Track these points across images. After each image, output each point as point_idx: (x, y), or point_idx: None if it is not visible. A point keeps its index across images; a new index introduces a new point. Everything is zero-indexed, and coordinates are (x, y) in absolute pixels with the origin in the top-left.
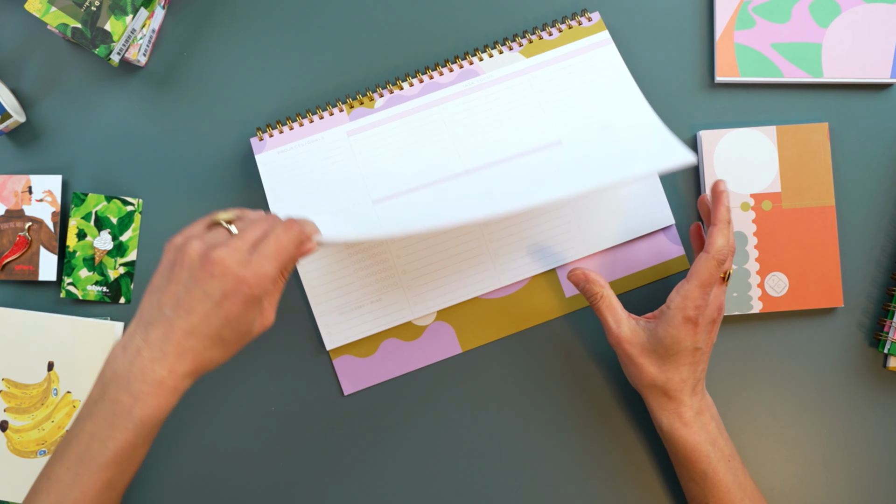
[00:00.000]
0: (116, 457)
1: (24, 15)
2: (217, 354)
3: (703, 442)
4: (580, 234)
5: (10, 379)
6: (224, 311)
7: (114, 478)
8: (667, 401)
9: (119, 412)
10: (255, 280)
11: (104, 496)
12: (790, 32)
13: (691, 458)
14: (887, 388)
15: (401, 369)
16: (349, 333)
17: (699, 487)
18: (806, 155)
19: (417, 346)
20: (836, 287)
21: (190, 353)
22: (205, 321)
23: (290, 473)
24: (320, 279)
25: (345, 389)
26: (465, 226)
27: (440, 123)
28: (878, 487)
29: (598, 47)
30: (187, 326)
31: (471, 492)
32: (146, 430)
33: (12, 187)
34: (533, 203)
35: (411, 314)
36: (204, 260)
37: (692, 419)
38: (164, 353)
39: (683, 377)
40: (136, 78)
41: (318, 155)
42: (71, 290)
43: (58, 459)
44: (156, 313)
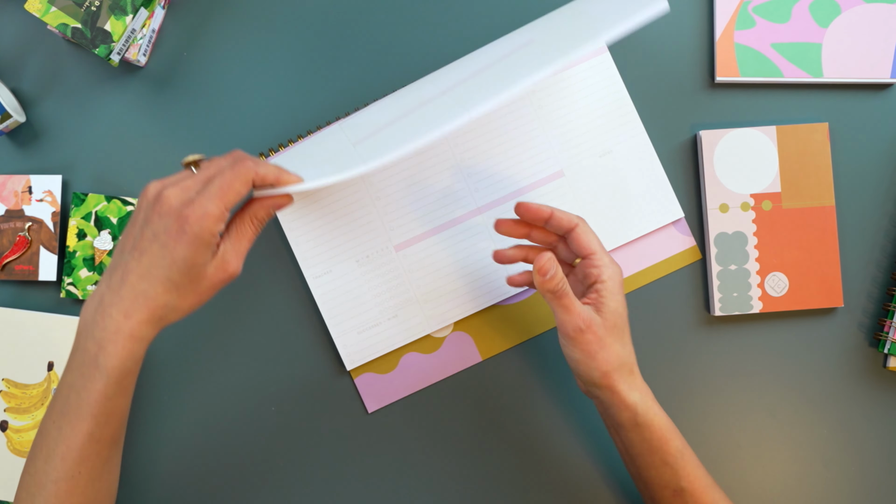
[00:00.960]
0: (91, 409)
1: (24, 15)
2: (172, 300)
3: (668, 418)
4: None
5: (10, 379)
6: (169, 252)
7: (94, 430)
8: (633, 378)
9: (87, 361)
10: (195, 218)
11: (89, 449)
12: (790, 32)
13: (667, 437)
14: (887, 388)
15: (423, 382)
16: (368, 352)
17: (672, 470)
18: (806, 155)
19: (437, 358)
20: (836, 287)
21: (142, 297)
22: (155, 263)
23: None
24: (335, 300)
25: (368, 407)
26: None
27: (446, 150)
28: (878, 487)
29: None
30: (140, 269)
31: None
32: (114, 380)
33: (12, 187)
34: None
35: (429, 327)
36: (155, 199)
37: (653, 399)
38: (121, 297)
39: (632, 347)
40: (136, 78)
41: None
42: (71, 290)
43: (47, 414)
44: (117, 257)
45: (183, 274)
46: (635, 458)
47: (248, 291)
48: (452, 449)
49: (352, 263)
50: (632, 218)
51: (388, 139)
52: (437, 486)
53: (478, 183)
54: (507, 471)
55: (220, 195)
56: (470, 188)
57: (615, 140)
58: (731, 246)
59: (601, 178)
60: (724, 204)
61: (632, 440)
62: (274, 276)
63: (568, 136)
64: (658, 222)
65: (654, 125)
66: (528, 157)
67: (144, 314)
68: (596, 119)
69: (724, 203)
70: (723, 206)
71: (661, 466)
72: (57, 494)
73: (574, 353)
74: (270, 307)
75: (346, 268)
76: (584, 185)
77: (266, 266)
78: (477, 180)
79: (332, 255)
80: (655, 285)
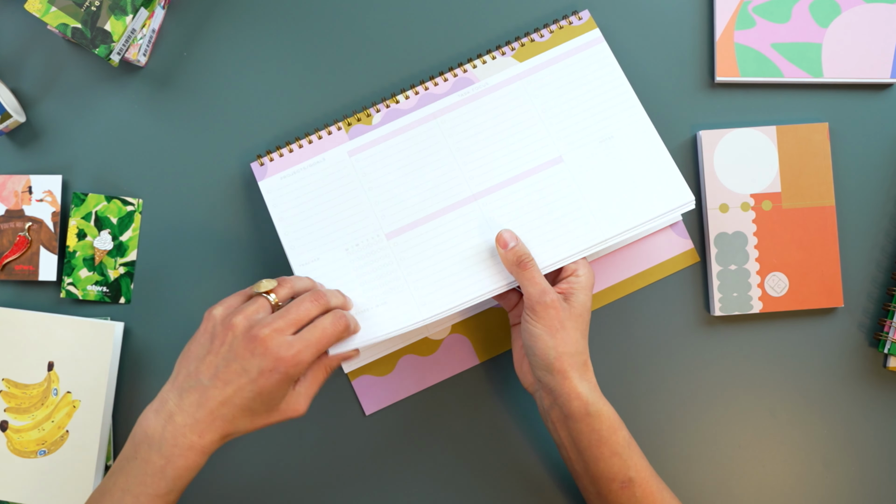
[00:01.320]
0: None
1: (24, 15)
2: (245, 423)
3: (615, 410)
4: (594, 221)
5: (10, 379)
6: (258, 386)
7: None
8: (586, 370)
9: (151, 472)
10: (293, 363)
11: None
12: (790, 32)
13: (616, 427)
14: (887, 388)
15: (420, 385)
16: (366, 354)
17: (622, 460)
18: (806, 155)
19: (435, 361)
20: (836, 287)
21: (220, 420)
22: (238, 393)
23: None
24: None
25: (366, 409)
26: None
27: (440, 139)
28: (878, 487)
29: (590, 47)
30: (221, 396)
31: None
32: (177, 487)
33: (12, 187)
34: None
35: (427, 330)
36: (246, 337)
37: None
38: (196, 419)
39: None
40: (136, 78)
41: (322, 179)
42: (71, 290)
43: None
44: (192, 381)
45: (262, 403)
46: (583, 451)
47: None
48: (450, 451)
49: (340, 251)
50: (637, 204)
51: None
52: (434, 489)
53: (472, 171)
54: (505, 473)
55: (317, 347)
56: (464, 175)
57: (616, 126)
58: (731, 246)
59: (603, 165)
60: (724, 204)
61: (580, 431)
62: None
63: (565, 123)
64: (665, 206)
65: (654, 125)
66: (525, 145)
67: (218, 434)
68: (594, 106)
69: (724, 203)
70: (723, 206)
71: (610, 458)
72: None
73: (535, 329)
74: None
75: (335, 255)
76: (585, 172)
77: (261, 261)
78: (471, 168)
79: (321, 243)
80: (655, 286)
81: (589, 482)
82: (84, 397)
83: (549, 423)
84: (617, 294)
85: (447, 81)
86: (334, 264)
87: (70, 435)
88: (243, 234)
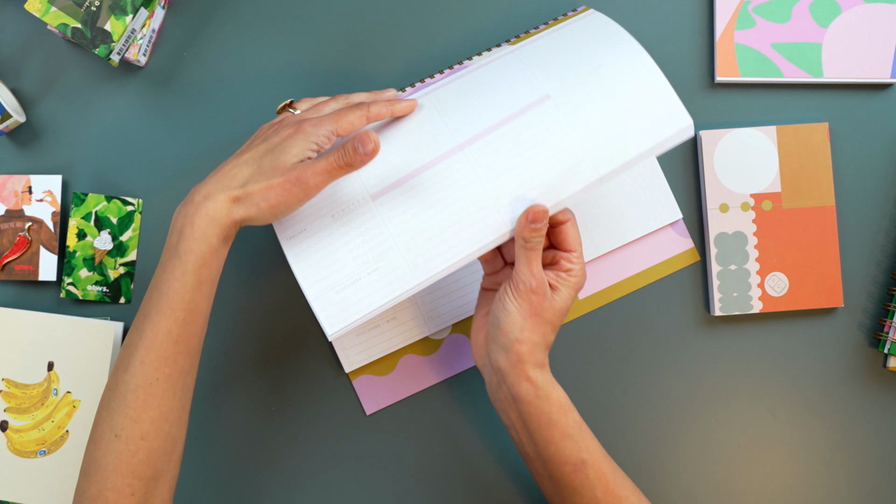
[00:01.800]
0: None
1: (24, 15)
2: (250, 180)
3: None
4: (589, 236)
5: (10, 379)
6: (271, 143)
7: (172, 328)
8: (543, 360)
9: (169, 253)
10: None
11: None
12: (790, 32)
13: (566, 409)
14: (887, 388)
15: (421, 384)
16: (367, 354)
17: (573, 441)
18: (806, 155)
19: (436, 360)
20: (836, 287)
21: (226, 178)
22: (253, 154)
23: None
24: (309, 258)
25: (367, 409)
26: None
27: (421, 94)
28: (878, 487)
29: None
30: (235, 160)
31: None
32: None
33: (12, 187)
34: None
35: (427, 329)
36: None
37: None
38: (206, 183)
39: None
40: (136, 78)
41: None
42: (71, 290)
43: (132, 325)
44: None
45: (272, 158)
46: (534, 434)
47: (243, 294)
48: (452, 451)
49: (327, 219)
50: (629, 221)
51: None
52: (435, 488)
53: (456, 120)
54: (507, 472)
55: (334, 119)
56: (448, 126)
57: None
58: (731, 246)
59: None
60: (724, 204)
61: (530, 414)
62: (270, 279)
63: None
64: (655, 224)
65: None
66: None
67: (222, 193)
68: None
69: (724, 203)
70: (723, 206)
71: (561, 440)
72: (135, 405)
73: (510, 304)
74: (267, 311)
75: (321, 224)
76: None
77: (263, 271)
78: (455, 117)
79: (306, 214)
80: (655, 286)
81: (541, 466)
82: (84, 397)
83: (496, 404)
84: (617, 293)
85: (442, 73)
86: (321, 233)
87: (70, 435)
88: (243, 233)
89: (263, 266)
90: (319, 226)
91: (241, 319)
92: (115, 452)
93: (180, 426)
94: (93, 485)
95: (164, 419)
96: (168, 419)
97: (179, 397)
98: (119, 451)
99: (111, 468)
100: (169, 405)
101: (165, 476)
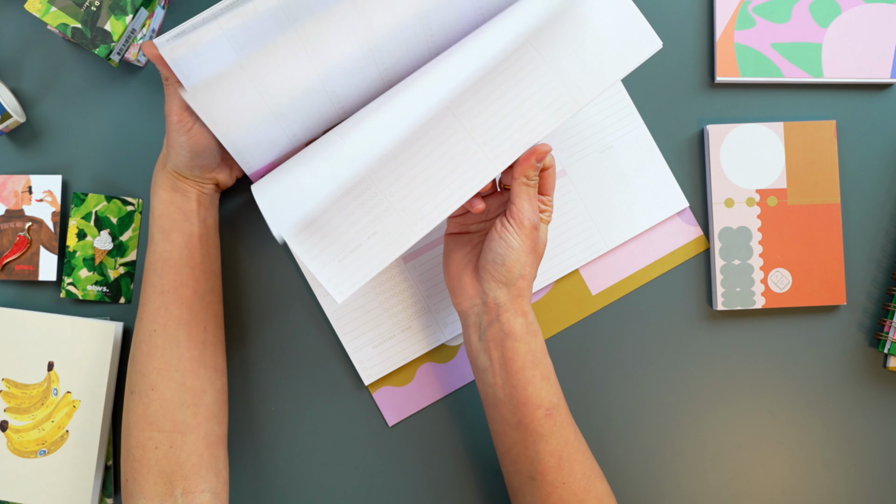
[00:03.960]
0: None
1: (24, 15)
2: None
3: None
4: (598, 232)
5: (10, 379)
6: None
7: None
8: (529, 293)
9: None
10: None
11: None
12: (790, 32)
13: (545, 351)
14: (887, 388)
15: (441, 392)
16: (385, 365)
17: (550, 384)
18: (812, 152)
19: (454, 367)
20: (839, 285)
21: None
22: None
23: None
24: (348, 316)
25: (388, 420)
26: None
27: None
28: (878, 487)
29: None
30: None
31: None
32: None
33: (12, 187)
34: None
35: (443, 336)
36: None
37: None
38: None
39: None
40: (136, 78)
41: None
42: (71, 290)
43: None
44: None
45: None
46: (514, 374)
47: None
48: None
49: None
50: (637, 212)
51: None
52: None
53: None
54: None
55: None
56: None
57: (615, 135)
58: (735, 241)
59: (603, 175)
60: (729, 199)
61: (517, 351)
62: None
63: (567, 135)
64: (663, 214)
65: (654, 125)
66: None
67: (159, 158)
68: (594, 115)
69: (730, 198)
70: (728, 200)
71: (541, 381)
72: (140, 359)
73: (514, 241)
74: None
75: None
76: (587, 182)
77: (278, 288)
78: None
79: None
80: (658, 280)
81: (510, 411)
82: (84, 397)
83: (478, 345)
84: (631, 286)
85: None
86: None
87: (70, 435)
88: (242, 232)
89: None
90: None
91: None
92: (133, 409)
93: (199, 378)
94: (124, 447)
95: (173, 368)
96: (177, 368)
97: (186, 347)
98: (135, 407)
99: (132, 424)
100: (173, 354)
101: (193, 430)
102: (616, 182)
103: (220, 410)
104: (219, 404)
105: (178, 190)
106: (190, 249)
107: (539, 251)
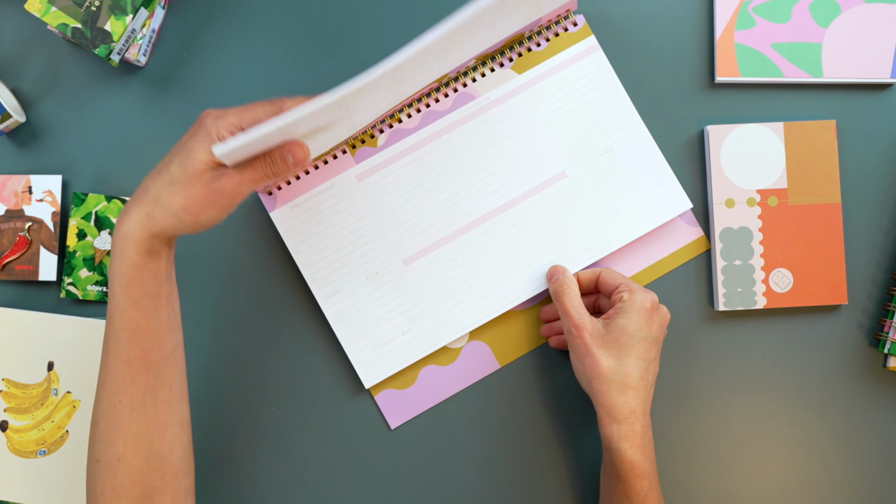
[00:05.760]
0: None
1: (24, 15)
2: (164, 193)
3: (647, 459)
4: (600, 234)
5: (10, 379)
6: (179, 147)
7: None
8: (623, 401)
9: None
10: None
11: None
12: (790, 32)
13: (635, 474)
14: (887, 388)
15: (443, 395)
16: (386, 368)
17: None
18: (813, 152)
19: (456, 369)
20: (840, 284)
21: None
22: (165, 162)
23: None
24: (348, 319)
25: (391, 424)
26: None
27: (447, 158)
28: (878, 487)
29: (587, 55)
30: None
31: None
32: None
33: (12, 187)
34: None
35: (444, 339)
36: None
37: (641, 432)
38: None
39: (641, 373)
40: (136, 78)
41: (333, 206)
42: (71, 290)
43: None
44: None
45: (182, 166)
46: (607, 476)
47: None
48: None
49: (361, 281)
50: (639, 213)
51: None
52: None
53: (481, 191)
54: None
55: (240, 111)
56: (473, 196)
57: (615, 137)
58: (736, 241)
59: (604, 177)
60: (729, 199)
61: (604, 460)
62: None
63: (567, 137)
64: (666, 216)
65: (654, 125)
66: (529, 161)
67: (136, 208)
68: (593, 117)
69: (730, 198)
70: (728, 201)
71: (622, 497)
72: (105, 428)
73: (571, 355)
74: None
75: (357, 285)
76: (588, 185)
77: (277, 290)
78: (480, 188)
79: (340, 274)
80: (660, 280)
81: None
82: (84, 397)
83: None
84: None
85: (448, 97)
86: (357, 294)
87: (70, 435)
88: (242, 232)
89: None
90: (355, 287)
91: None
92: (99, 477)
93: (166, 440)
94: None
95: (140, 438)
96: (144, 437)
97: (153, 413)
98: (101, 476)
99: (99, 493)
100: (140, 423)
101: (161, 492)
102: (617, 184)
103: (188, 464)
104: (186, 459)
105: (152, 253)
106: (157, 312)
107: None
